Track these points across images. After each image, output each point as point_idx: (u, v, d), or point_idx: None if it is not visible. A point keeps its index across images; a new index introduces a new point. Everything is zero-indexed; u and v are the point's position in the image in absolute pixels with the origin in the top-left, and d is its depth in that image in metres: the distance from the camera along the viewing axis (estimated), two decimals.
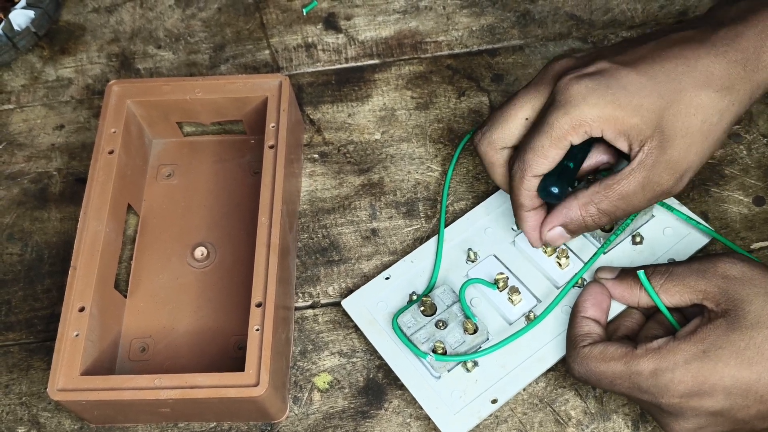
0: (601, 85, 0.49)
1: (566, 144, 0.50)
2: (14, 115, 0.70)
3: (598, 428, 0.53)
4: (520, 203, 0.53)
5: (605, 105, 0.49)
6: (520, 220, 0.54)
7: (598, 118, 0.49)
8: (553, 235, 0.54)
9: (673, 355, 0.46)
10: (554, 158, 0.51)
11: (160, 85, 0.62)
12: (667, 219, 0.58)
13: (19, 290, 0.61)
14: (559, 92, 0.50)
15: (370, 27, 0.72)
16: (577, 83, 0.50)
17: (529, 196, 0.52)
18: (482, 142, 0.55)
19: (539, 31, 0.70)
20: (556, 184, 0.51)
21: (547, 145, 0.50)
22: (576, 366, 0.50)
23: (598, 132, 0.50)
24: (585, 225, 0.53)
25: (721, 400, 0.46)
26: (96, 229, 0.56)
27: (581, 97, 0.49)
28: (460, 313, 0.54)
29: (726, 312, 0.47)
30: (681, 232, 0.57)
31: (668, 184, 0.50)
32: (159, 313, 0.59)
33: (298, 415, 0.55)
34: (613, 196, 0.51)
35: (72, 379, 0.51)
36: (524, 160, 0.51)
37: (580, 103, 0.49)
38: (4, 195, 0.66)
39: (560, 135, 0.50)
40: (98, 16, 0.75)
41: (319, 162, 0.65)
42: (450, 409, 0.52)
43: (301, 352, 0.57)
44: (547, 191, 0.51)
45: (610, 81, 0.49)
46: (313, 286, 0.60)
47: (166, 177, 0.65)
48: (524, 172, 0.51)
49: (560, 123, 0.49)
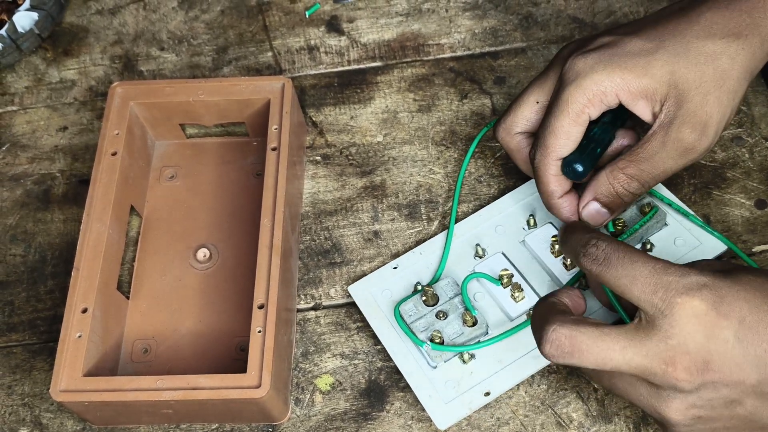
0: (606, 55, 0.50)
1: (585, 119, 0.51)
2: (18, 117, 0.70)
3: (599, 431, 0.53)
4: (550, 191, 0.53)
5: (613, 71, 0.50)
6: (554, 209, 0.54)
7: (610, 83, 0.50)
8: (590, 212, 0.53)
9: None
10: (576, 137, 0.51)
11: (163, 87, 0.62)
12: (680, 230, 0.58)
13: (22, 291, 0.62)
14: (567, 71, 0.51)
15: (373, 29, 0.72)
16: (583, 58, 0.51)
17: (556, 181, 0.53)
18: (499, 129, 0.57)
19: (542, 34, 0.70)
20: (579, 161, 0.51)
21: (566, 124, 0.51)
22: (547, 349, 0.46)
23: (614, 99, 0.50)
24: (616, 193, 0.52)
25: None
26: (99, 231, 0.56)
27: (589, 68, 0.50)
28: (461, 306, 0.55)
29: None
30: (691, 242, 0.57)
31: (691, 139, 0.50)
32: (161, 315, 0.59)
33: (300, 416, 0.55)
34: (639, 161, 0.51)
35: (74, 380, 0.51)
36: (545, 145, 0.52)
37: (590, 74, 0.50)
38: (8, 196, 0.66)
39: (578, 110, 0.50)
40: (101, 18, 0.75)
41: (322, 164, 0.65)
42: (442, 399, 0.53)
43: (303, 353, 0.58)
44: (570, 168, 0.52)
45: (615, 50, 0.50)
46: (315, 288, 0.60)
47: (168, 179, 0.65)
48: (547, 157, 0.52)
49: (575, 97, 0.50)
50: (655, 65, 0.49)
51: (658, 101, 0.50)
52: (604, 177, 0.52)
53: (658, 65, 0.49)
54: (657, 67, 0.49)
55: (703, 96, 0.50)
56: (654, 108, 0.50)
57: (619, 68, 0.50)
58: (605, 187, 0.53)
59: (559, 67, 0.53)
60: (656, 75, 0.49)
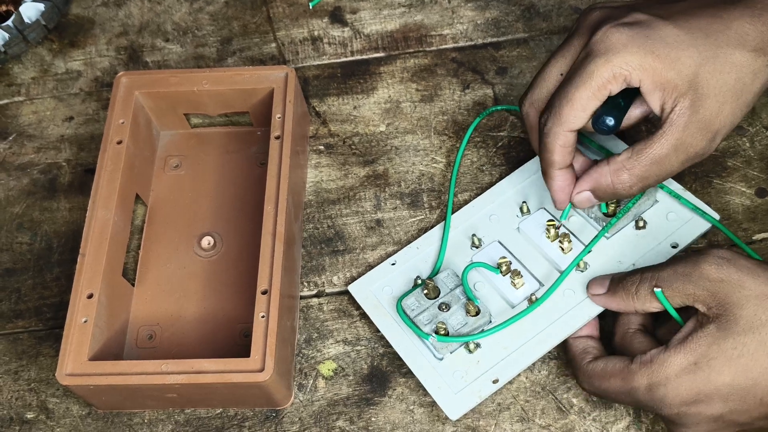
0: (640, 35, 0.48)
1: (605, 94, 0.49)
2: (24, 107, 0.71)
3: (599, 416, 0.54)
4: (552, 161, 0.52)
5: (645, 54, 0.48)
6: (549, 178, 0.53)
7: (639, 66, 0.48)
8: (581, 199, 0.53)
9: (664, 369, 0.46)
10: (591, 110, 0.50)
11: (167, 77, 0.63)
12: (671, 204, 0.58)
13: (28, 279, 0.62)
14: (598, 41, 0.49)
15: (376, 20, 0.73)
16: (617, 31, 0.49)
17: (562, 152, 0.52)
18: (525, 103, 0.54)
19: (544, 25, 0.71)
20: (611, 114, 0.50)
21: (586, 96, 0.49)
22: (585, 384, 0.51)
23: (637, 82, 0.49)
24: (615, 192, 0.52)
25: (720, 406, 0.46)
26: (104, 218, 0.57)
27: (622, 44, 0.48)
28: (463, 296, 0.55)
29: (717, 317, 0.46)
30: (684, 216, 0.58)
31: (700, 146, 0.50)
32: (166, 302, 0.59)
33: (303, 401, 0.56)
34: (645, 161, 0.50)
35: (80, 364, 0.52)
36: (560, 114, 0.50)
37: (621, 51, 0.48)
38: (15, 185, 0.67)
39: (601, 84, 0.49)
40: (107, 9, 0.76)
41: (325, 153, 0.66)
42: (451, 389, 0.53)
43: (306, 340, 0.58)
44: (602, 121, 0.50)
45: (649, 32, 0.48)
46: (318, 276, 0.61)
47: (173, 168, 0.65)
48: (560, 127, 0.51)
49: (601, 71, 0.49)
50: (684, 61, 0.48)
51: (673, 97, 0.49)
52: (607, 174, 0.51)
53: (687, 62, 0.48)
54: (685, 64, 0.48)
55: (720, 105, 0.49)
56: (666, 102, 0.49)
57: (651, 54, 0.48)
58: (606, 183, 0.52)
59: (586, 35, 0.51)
60: (681, 71, 0.48)
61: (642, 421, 0.53)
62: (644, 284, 0.50)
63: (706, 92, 0.48)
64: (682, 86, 0.48)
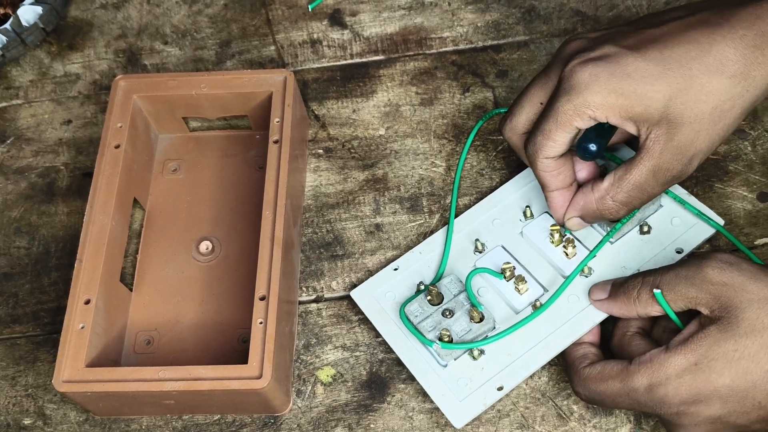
0: (605, 72, 0.49)
1: (573, 128, 0.51)
2: (22, 110, 0.70)
3: (600, 423, 0.54)
4: (543, 184, 0.55)
5: (608, 93, 0.49)
6: (546, 198, 0.56)
7: (602, 105, 0.49)
8: (572, 224, 0.56)
9: (665, 369, 0.46)
10: (563, 141, 0.52)
11: (166, 81, 0.62)
12: (675, 209, 0.58)
13: (26, 283, 0.62)
14: (564, 78, 0.51)
15: (375, 23, 0.72)
16: (581, 69, 0.50)
17: (549, 177, 0.54)
18: (505, 128, 0.57)
19: (544, 27, 0.70)
20: (593, 141, 0.52)
21: (554, 129, 0.51)
22: (579, 389, 0.51)
23: (603, 118, 0.50)
24: (603, 217, 0.54)
25: (718, 408, 0.46)
26: (102, 223, 0.57)
27: (584, 84, 0.49)
28: (467, 302, 0.55)
29: (719, 318, 0.46)
30: (689, 221, 0.57)
31: (678, 169, 0.50)
32: (164, 307, 0.59)
33: (302, 408, 0.56)
34: (626, 187, 0.51)
35: (77, 370, 0.52)
36: (535, 142, 0.53)
37: (583, 91, 0.49)
38: (12, 189, 0.66)
39: (565, 120, 0.50)
40: (105, 12, 0.75)
41: (324, 157, 0.66)
42: (456, 397, 0.52)
43: (304, 345, 0.58)
44: (583, 148, 0.52)
45: (615, 68, 0.49)
46: (317, 281, 0.60)
47: (171, 172, 0.65)
48: (536, 155, 0.53)
49: (564, 109, 0.50)
50: (651, 96, 0.48)
51: (646, 126, 0.49)
52: (593, 202, 0.53)
53: (655, 96, 0.48)
54: (653, 99, 0.48)
55: (696, 132, 0.49)
56: (640, 129, 0.49)
57: (614, 92, 0.48)
58: (592, 209, 0.54)
59: (560, 67, 0.52)
60: (650, 105, 0.48)
61: (643, 428, 0.53)
62: (645, 288, 0.50)
63: (680, 121, 0.48)
64: (652, 117, 0.49)
